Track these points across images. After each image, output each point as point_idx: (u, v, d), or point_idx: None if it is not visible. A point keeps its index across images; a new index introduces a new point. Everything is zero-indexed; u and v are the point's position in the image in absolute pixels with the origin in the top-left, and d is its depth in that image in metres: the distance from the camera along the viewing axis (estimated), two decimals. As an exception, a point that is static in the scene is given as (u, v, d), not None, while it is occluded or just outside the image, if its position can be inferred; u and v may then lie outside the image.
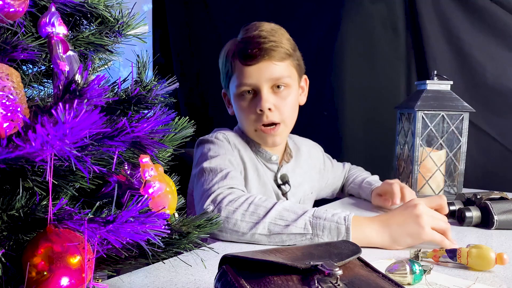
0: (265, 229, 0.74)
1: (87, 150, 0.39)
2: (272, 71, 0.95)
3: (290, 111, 0.99)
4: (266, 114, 0.95)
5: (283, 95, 0.97)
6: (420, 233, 0.73)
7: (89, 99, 0.35)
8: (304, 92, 1.09)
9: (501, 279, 0.61)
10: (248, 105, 0.97)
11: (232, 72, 0.98)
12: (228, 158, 0.92)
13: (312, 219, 0.74)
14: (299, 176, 1.11)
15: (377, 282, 0.42)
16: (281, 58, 0.95)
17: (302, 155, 1.15)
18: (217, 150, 0.94)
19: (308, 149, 1.19)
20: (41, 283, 0.38)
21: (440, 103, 1.15)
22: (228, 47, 1.01)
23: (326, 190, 1.27)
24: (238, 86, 0.97)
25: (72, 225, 0.40)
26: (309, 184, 1.15)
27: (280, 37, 0.97)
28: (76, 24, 0.54)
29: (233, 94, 1.00)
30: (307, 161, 1.16)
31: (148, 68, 0.52)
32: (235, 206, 0.77)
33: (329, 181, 1.26)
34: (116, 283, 0.57)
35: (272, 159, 1.04)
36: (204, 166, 0.89)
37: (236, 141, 1.01)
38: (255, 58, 0.94)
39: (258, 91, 0.96)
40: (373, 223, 0.75)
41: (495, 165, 1.45)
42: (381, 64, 1.62)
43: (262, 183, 1.02)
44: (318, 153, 1.24)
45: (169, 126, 0.47)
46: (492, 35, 1.42)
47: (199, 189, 0.86)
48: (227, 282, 0.42)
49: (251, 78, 0.95)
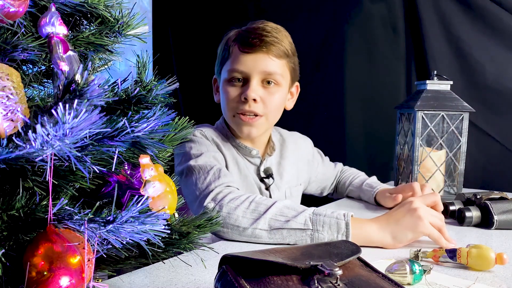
0: (265, 225, 0.76)
1: (87, 150, 0.39)
2: (266, 64, 0.95)
3: (274, 107, 0.99)
4: (249, 103, 0.95)
5: (272, 91, 0.98)
6: (418, 224, 0.74)
7: (89, 99, 0.35)
8: (292, 98, 1.09)
9: (501, 279, 0.61)
10: (235, 91, 0.97)
11: (228, 56, 0.99)
12: (213, 155, 0.94)
13: (312, 215, 0.76)
14: (285, 169, 1.11)
15: (377, 282, 0.42)
16: (278, 55, 0.96)
17: (288, 146, 1.15)
18: (199, 148, 0.95)
19: (295, 140, 1.20)
20: (41, 283, 0.38)
21: (440, 103, 1.15)
22: (230, 34, 1.02)
23: (314, 185, 1.26)
24: (230, 71, 0.97)
25: (72, 225, 0.40)
26: (296, 175, 1.15)
27: (282, 36, 0.98)
28: (76, 24, 0.54)
29: (223, 79, 1.00)
30: (294, 152, 1.16)
31: (148, 68, 0.52)
32: (237, 203, 0.78)
33: (318, 176, 1.25)
34: (116, 283, 0.57)
35: (253, 154, 1.04)
36: (191, 164, 0.90)
37: (214, 136, 1.02)
38: (253, 47, 0.94)
39: (248, 80, 0.96)
40: (372, 222, 0.77)
41: (495, 165, 1.45)
42: (381, 64, 1.62)
43: (243, 176, 1.02)
44: (306, 144, 1.24)
45: (169, 126, 0.47)
46: (492, 35, 1.42)
47: (191, 187, 0.87)
48: (227, 282, 0.42)
49: (245, 66, 0.95)
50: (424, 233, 0.74)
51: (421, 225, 0.74)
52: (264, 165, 1.07)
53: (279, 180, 1.09)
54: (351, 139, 1.69)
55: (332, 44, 1.68)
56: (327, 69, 1.70)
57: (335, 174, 1.29)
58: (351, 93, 1.67)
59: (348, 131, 1.69)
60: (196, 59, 2.12)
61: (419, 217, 0.74)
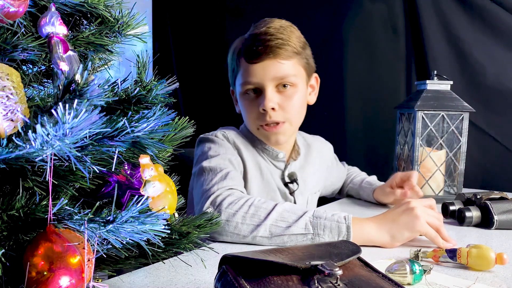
0: (266, 232, 0.74)
1: (87, 150, 0.39)
2: (277, 69, 0.92)
3: (295, 110, 0.97)
4: (269, 113, 0.93)
5: (289, 94, 0.94)
6: (415, 223, 0.74)
7: (89, 99, 0.35)
8: (314, 91, 1.05)
9: (501, 279, 0.61)
10: (252, 103, 0.95)
11: (238, 69, 0.97)
12: (228, 158, 0.91)
13: (312, 219, 0.75)
14: (308, 174, 1.09)
15: (377, 282, 0.42)
16: (287, 57, 0.92)
17: (313, 152, 1.12)
18: (217, 149, 0.93)
19: (319, 146, 1.18)
20: (41, 283, 0.38)
21: (440, 103, 1.15)
22: (236, 44, 0.99)
23: (328, 189, 1.25)
24: (243, 84, 0.95)
25: (72, 225, 0.40)
26: (316, 182, 1.13)
27: (288, 34, 0.94)
28: (76, 24, 0.54)
29: (239, 92, 0.98)
30: (318, 159, 1.13)
31: (148, 68, 0.52)
32: (235, 208, 0.76)
33: (332, 179, 1.24)
34: (116, 283, 0.57)
35: (279, 157, 1.01)
36: (203, 165, 0.88)
37: (237, 140, 0.99)
38: (259, 56, 0.91)
39: (262, 90, 0.93)
40: (371, 222, 0.77)
41: (495, 165, 1.45)
42: (381, 64, 1.62)
43: (265, 182, 1.00)
44: (329, 150, 1.22)
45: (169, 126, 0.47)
46: (492, 35, 1.42)
47: (199, 188, 0.85)
48: (227, 282, 0.42)
49: (255, 77, 0.92)
50: (420, 231, 0.74)
51: (418, 224, 0.74)
52: (289, 169, 1.04)
53: (303, 185, 1.06)
54: (351, 139, 1.69)
55: (332, 44, 1.68)
56: (327, 69, 1.69)
57: (345, 176, 1.29)
58: (351, 93, 1.67)
59: (348, 131, 1.69)
60: (196, 59, 2.12)
61: (416, 216, 0.74)
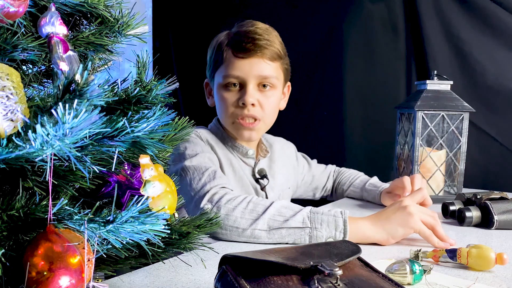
0: (264, 225, 0.76)
1: (87, 150, 0.39)
2: (262, 68, 0.96)
3: (271, 110, 1.01)
4: (248, 107, 0.96)
5: (268, 94, 0.99)
6: (409, 220, 0.76)
7: (89, 99, 0.35)
8: (285, 98, 1.10)
9: (501, 279, 0.61)
10: (232, 96, 0.98)
11: (222, 62, 0.99)
12: (208, 156, 0.94)
13: (310, 214, 0.77)
14: (275, 171, 1.13)
15: (377, 282, 0.42)
16: (272, 58, 0.97)
17: (276, 152, 1.17)
18: (193, 148, 0.95)
19: (281, 146, 1.21)
20: (41, 283, 0.38)
21: (440, 103, 1.15)
22: (221, 37, 1.01)
23: (304, 188, 1.27)
24: (225, 76, 0.97)
25: (72, 225, 0.40)
26: (285, 179, 1.16)
27: (274, 38, 0.98)
28: (76, 24, 0.54)
29: (218, 84, 1.00)
30: (281, 158, 1.17)
31: (148, 68, 0.52)
32: (234, 204, 0.79)
33: (306, 179, 1.26)
34: (116, 283, 0.57)
35: (249, 154, 1.05)
36: (186, 164, 0.90)
37: (208, 137, 1.03)
38: (248, 52, 0.95)
39: (244, 85, 0.96)
40: (365, 220, 0.79)
41: (495, 165, 1.45)
42: (381, 64, 1.62)
43: (238, 177, 1.03)
44: (290, 150, 1.25)
45: (169, 126, 0.47)
46: (492, 35, 1.42)
47: (186, 188, 0.87)
48: (227, 282, 0.42)
49: (240, 71, 0.95)
50: (414, 228, 0.76)
51: (412, 221, 0.76)
52: (258, 166, 1.08)
53: (273, 181, 1.10)
54: (351, 139, 1.69)
55: (332, 44, 1.68)
56: (327, 69, 1.70)
57: (327, 175, 1.29)
58: (351, 93, 1.67)
59: (348, 131, 1.69)
60: (196, 59, 2.12)
61: (410, 214, 0.76)
